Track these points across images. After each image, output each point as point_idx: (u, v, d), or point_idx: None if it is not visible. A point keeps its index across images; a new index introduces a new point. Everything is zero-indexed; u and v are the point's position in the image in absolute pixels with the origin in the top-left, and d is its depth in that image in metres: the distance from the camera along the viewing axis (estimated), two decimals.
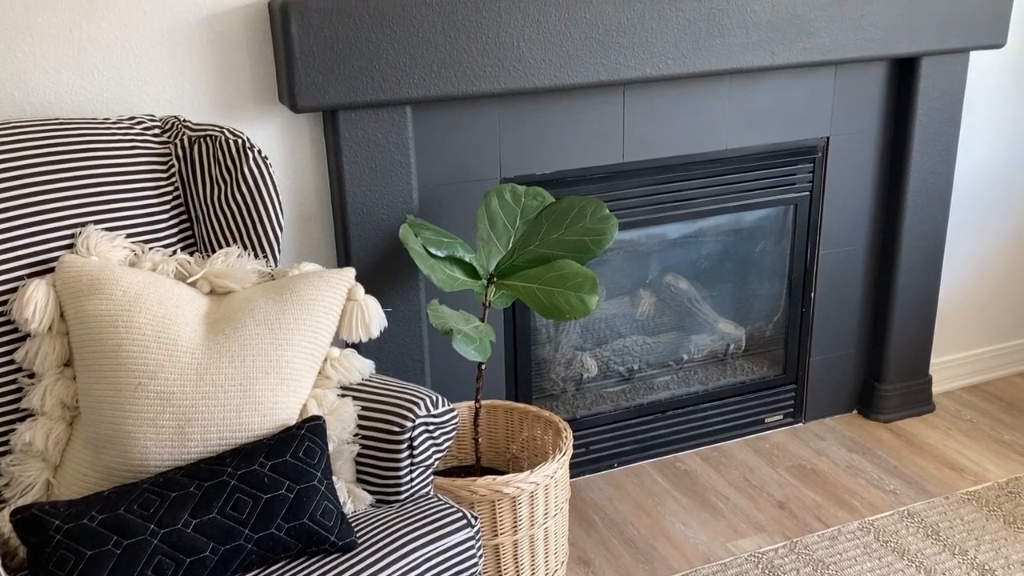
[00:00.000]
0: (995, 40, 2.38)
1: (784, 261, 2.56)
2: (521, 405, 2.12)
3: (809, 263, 2.55)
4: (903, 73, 2.44)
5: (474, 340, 1.80)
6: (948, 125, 2.48)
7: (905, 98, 2.45)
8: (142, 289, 1.50)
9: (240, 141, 1.66)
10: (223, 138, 1.66)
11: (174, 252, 1.66)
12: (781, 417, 2.68)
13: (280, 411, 1.49)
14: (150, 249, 1.63)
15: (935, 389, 2.86)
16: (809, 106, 2.38)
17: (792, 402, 2.68)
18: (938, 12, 2.29)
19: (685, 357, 2.60)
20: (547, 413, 2.07)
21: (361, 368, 1.62)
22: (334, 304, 1.58)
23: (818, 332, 2.63)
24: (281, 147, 1.98)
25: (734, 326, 2.64)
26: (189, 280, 1.59)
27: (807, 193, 2.48)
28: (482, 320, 1.94)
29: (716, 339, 2.63)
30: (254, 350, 1.49)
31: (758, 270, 2.59)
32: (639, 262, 2.48)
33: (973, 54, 2.54)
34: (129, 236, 1.62)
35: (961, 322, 2.88)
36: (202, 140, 1.67)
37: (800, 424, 2.71)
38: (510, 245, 1.98)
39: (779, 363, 2.65)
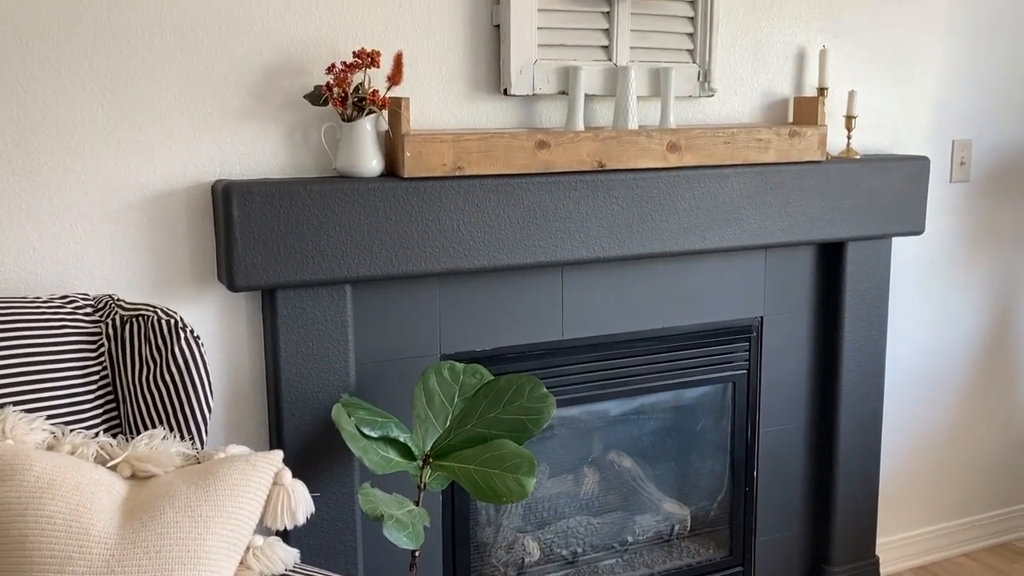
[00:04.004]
0: (914, 227, 2.51)
1: (726, 439, 2.56)
2: None
3: (750, 441, 2.55)
4: (830, 256, 2.54)
5: (406, 526, 1.74)
6: (877, 305, 2.57)
7: (834, 279, 2.54)
8: (57, 474, 1.43)
9: (172, 321, 1.65)
10: (155, 318, 1.65)
11: (97, 434, 1.60)
12: None
13: None
14: (71, 431, 1.57)
15: (883, 571, 2.81)
16: (742, 287, 2.45)
17: None
18: (859, 202, 2.42)
19: (630, 539, 2.53)
20: None
21: (284, 558, 1.54)
22: (259, 489, 1.52)
23: (763, 512, 2.59)
24: (217, 325, 1.96)
25: (679, 506, 2.60)
26: (109, 464, 1.53)
27: (744, 371, 2.51)
28: (417, 503, 1.88)
29: (661, 519, 2.58)
30: (171, 539, 1.42)
31: (700, 448, 2.58)
32: (582, 439, 2.46)
33: (897, 238, 2.66)
34: (51, 417, 1.57)
35: (904, 501, 2.87)
36: (134, 319, 1.66)
37: None
38: (447, 423, 1.96)
39: (725, 544, 2.60)
